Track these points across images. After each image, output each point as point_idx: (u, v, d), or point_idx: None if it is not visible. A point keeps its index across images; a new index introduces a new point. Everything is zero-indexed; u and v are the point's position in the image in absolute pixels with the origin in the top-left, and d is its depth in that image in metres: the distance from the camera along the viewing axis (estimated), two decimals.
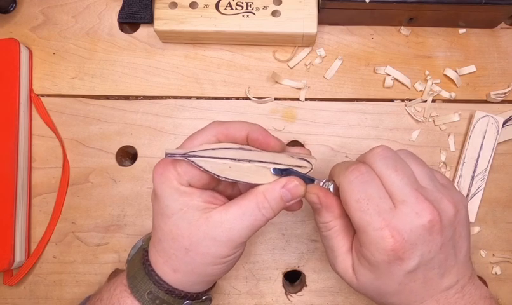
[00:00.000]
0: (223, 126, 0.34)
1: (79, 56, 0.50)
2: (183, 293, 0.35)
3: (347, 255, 0.35)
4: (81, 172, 0.48)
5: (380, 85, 0.49)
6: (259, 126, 0.34)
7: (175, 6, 0.47)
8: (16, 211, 0.45)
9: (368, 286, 0.34)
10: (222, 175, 0.33)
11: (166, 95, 0.49)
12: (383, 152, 0.33)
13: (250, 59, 0.49)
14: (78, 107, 0.49)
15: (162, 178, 0.33)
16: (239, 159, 0.33)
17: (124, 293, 0.35)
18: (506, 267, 0.47)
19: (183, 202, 0.33)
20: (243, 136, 0.34)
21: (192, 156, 0.32)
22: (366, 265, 0.33)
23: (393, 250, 0.31)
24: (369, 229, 0.31)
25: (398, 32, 0.50)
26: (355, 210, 0.32)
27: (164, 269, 0.34)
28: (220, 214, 0.33)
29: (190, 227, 0.33)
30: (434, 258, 0.32)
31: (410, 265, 0.31)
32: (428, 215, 0.31)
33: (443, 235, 0.32)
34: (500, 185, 0.47)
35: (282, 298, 0.46)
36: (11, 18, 0.51)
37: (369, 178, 0.32)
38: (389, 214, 0.31)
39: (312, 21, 0.46)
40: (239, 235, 0.33)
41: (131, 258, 0.38)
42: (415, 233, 0.31)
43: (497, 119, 0.46)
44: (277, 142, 0.34)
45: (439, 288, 0.33)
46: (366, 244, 0.32)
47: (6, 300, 0.47)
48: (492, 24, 0.49)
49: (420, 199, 0.31)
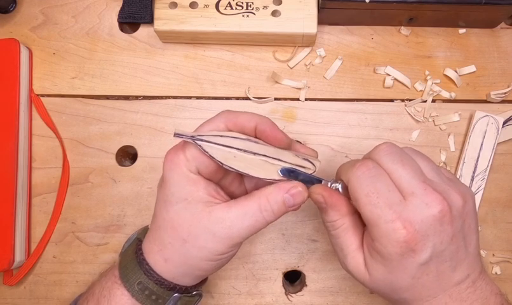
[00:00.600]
0: (233, 115, 0.34)
1: (79, 56, 0.50)
2: (172, 284, 0.35)
3: (358, 252, 0.35)
4: (81, 172, 0.48)
5: (380, 85, 0.49)
6: (268, 119, 0.35)
7: (175, 6, 0.47)
8: (16, 211, 0.45)
9: (381, 282, 0.33)
10: (226, 163, 0.33)
11: (166, 95, 0.49)
12: (388, 148, 0.34)
13: (250, 59, 0.49)
14: (78, 107, 0.49)
15: (172, 164, 0.34)
16: (245, 150, 0.33)
17: (114, 285, 0.35)
18: (506, 267, 0.47)
19: (188, 191, 0.33)
20: (252, 127, 0.34)
21: (199, 140, 0.32)
22: (378, 259, 0.33)
23: (405, 241, 0.31)
24: (380, 222, 0.31)
25: (398, 32, 0.50)
26: (365, 204, 0.32)
27: (156, 258, 0.35)
28: (222, 211, 0.33)
29: (191, 218, 0.33)
30: (446, 250, 0.32)
31: (422, 257, 0.31)
32: (438, 205, 0.31)
33: (453, 226, 0.32)
34: (500, 185, 0.47)
35: (282, 298, 0.46)
36: (11, 18, 0.51)
37: (377, 172, 0.33)
38: (399, 206, 0.31)
39: (312, 21, 0.46)
40: (238, 234, 0.33)
41: (125, 250, 0.38)
42: (426, 224, 0.31)
43: (497, 119, 0.46)
44: (283, 137, 0.35)
45: (452, 282, 0.33)
46: (378, 237, 0.32)
47: (6, 300, 0.47)
48: (492, 24, 0.49)
49: (428, 190, 0.31)
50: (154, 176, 0.48)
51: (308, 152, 0.36)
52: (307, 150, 0.37)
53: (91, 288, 0.37)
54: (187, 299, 0.37)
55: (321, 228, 0.47)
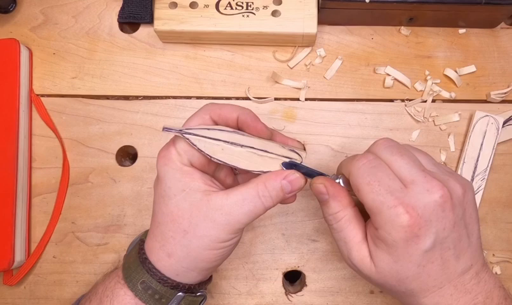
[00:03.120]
0: (217, 107, 0.36)
1: (79, 56, 0.50)
2: (175, 282, 0.35)
3: (362, 244, 0.35)
4: (81, 172, 0.48)
5: (380, 85, 0.49)
6: (249, 111, 0.36)
7: (174, 6, 0.47)
8: (16, 211, 0.45)
9: (388, 272, 0.33)
10: (214, 156, 0.34)
11: (166, 95, 0.49)
12: (386, 142, 0.35)
13: (250, 59, 0.49)
14: (78, 107, 0.49)
15: (165, 160, 0.34)
16: (232, 143, 0.34)
17: (117, 285, 0.35)
18: (506, 267, 0.47)
19: (185, 183, 0.34)
20: (234, 118, 0.35)
21: (187, 133, 0.33)
22: (383, 248, 0.33)
23: (409, 226, 0.31)
24: (383, 208, 0.32)
25: (398, 32, 0.50)
26: (367, 192, 0.32)
27: (159, 254, 0.35)
28: (220, 198, 0.34)
29: (191, 208, 0.34)
30: (449, 237, 0.32)
31: (426, 243, 0.31)
32: (439, 191, 0.32)
33: (454, 213, 0.32)
34: (500, 185, 0.47)
35: (282, 298, 0.46)
36: (11, 18, 0.51)
37: (377, 163, 0.33)
38: (400, 193, 0.32)
39: (312, 21, 0.46)
40: (238, 220, 0.34)
41: (128, 252, 0.39)
42: (428, 209, 0.31)
43: (497, 119, 0.46)
44: (263, 128, 0.36)
45: (456, 271, 0.33)
46: (381, 224, 0.32)
47: (6, 300, 0.47)
48: (492, 24, 0.49)
49: (428, 178, 0.32)
50: (154, 176, 0.47)
51: (294, 144, 0.38)
52: (293, 142, 0.38)
53: (94, 288, 0.37)
54: (191, 299, 0.37)
55: (321, 228, 0.47)
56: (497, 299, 0.34)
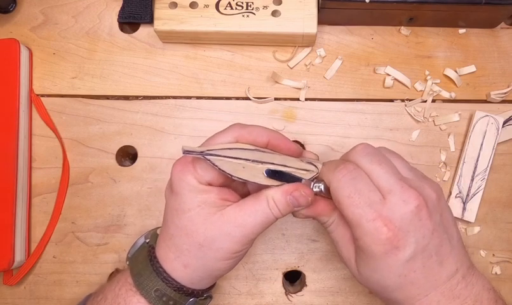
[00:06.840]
0: (246, 130, 0.35)
1: (79, 56, 0.50)
2: (190, 290, 0.35)
3: (350, 245, 0.36)
4: (81, 172, 0.48)
5: (380, 85, 0.49)
6: (279, 133, 0.36)
7: (174, 6, 0.47)
8: (16, 211, 0.45)
9: (369, 279, 0.34)
10: (235, 175, 0.33)
11: (166, 95, 0.49)
12: (365, 149, 0.35)
13: (250, 59, 0.49)
14: (78, 107, 0.49)
15: (182, 175, 0.34)
16: (253, 160, 0.34)
17: (129, 292, 0.35)
18: (506, 267, 0.47)
19: (201, 199, 0.34)
20: (264, 141, 0.35)
21: (209, 154, 0.33)
22: (364, 258, 0.34)
23: (388, 238, 0.32)
24: (362, 221, 0.32)
25: (398, 32, 0.50)
26: (347, 205, 0.33)
27: (174, 264, 0.35)
28: (234, 211, 0.34)
29: (205, 222, 0.34)
30: (429, 245, 0.33)
31: (406, 254, 0.32)
32: (414, 201, 0.32)
33: (432, 219, 0.33)
34: (500, 185, 0.47)
35: (283, 298, 0.46)
36: (11, 18, 0.51)
37: (357, 174, 0.34)
38: (379, 205, 0.32)
39: (312, 21, 0.46)
40: (252, 231, 0.34)
41: (133, 256, 0.39)
42: (406, 220, 0.32)
43: (497, 119, 0.46)
44: (295, 148, 0.36)
45: (441, 278, 0.33)
46: (361, 236, 0.33)
47: (6, 300, 0.47)
48: (492, 24, 0.49)
49: (405, 187, 0.33)
50: (154, 177, 0.48)
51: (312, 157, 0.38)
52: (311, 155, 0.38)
53: (101, 293, 0.37)
54: (201, 303, 0.38)
55: (321, 228, 0.47)
56: (487, 302, 0.34)
